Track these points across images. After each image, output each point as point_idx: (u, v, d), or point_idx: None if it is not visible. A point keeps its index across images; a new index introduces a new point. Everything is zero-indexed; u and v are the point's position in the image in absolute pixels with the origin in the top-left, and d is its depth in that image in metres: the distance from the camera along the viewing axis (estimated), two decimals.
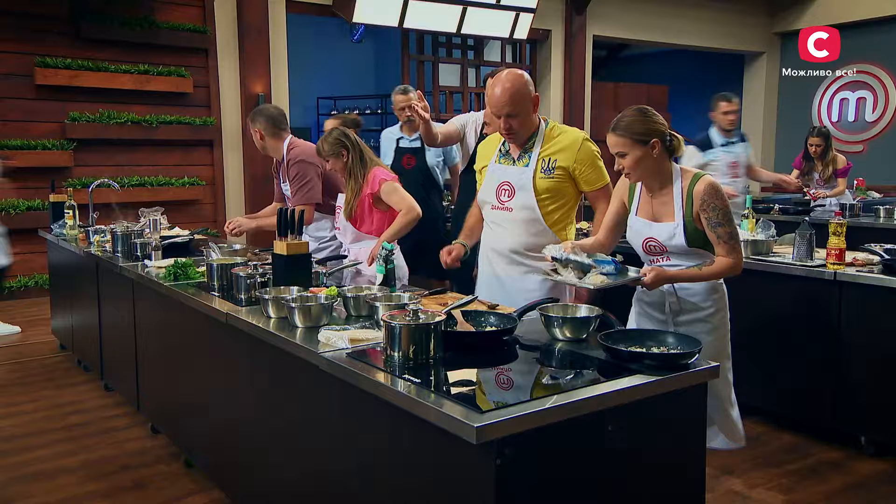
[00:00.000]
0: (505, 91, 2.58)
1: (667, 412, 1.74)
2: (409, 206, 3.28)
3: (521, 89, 2.60)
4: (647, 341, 1.91)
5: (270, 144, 3.85)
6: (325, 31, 10.88)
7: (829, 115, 11.15)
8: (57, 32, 6.68)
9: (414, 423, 1.59)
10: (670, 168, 2.43)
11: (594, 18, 9.98)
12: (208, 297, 2.68)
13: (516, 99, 2.59)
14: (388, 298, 2.29)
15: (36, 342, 5.17)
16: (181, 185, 7.22)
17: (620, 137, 2.35)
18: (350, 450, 1.92)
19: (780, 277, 3.40)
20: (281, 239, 2.58)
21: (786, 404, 3.52)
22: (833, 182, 6.12)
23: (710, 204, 2.34)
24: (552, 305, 2.16)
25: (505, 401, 1.57)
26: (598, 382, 1.68)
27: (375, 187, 3.30)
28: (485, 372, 1.85)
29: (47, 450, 3.33)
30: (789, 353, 3.46)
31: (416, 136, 4.76)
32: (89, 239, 4.13)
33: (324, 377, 1.92)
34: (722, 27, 10.93)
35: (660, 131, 2.35)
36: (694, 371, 1.76)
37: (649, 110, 2.39)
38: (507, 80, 2.59)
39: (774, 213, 5.97)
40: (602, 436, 1.61)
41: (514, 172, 2.72)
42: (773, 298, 3.49)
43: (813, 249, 3.41)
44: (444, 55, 9.24)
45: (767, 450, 3.32)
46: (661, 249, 2.47)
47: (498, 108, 2.60)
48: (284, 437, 2.26)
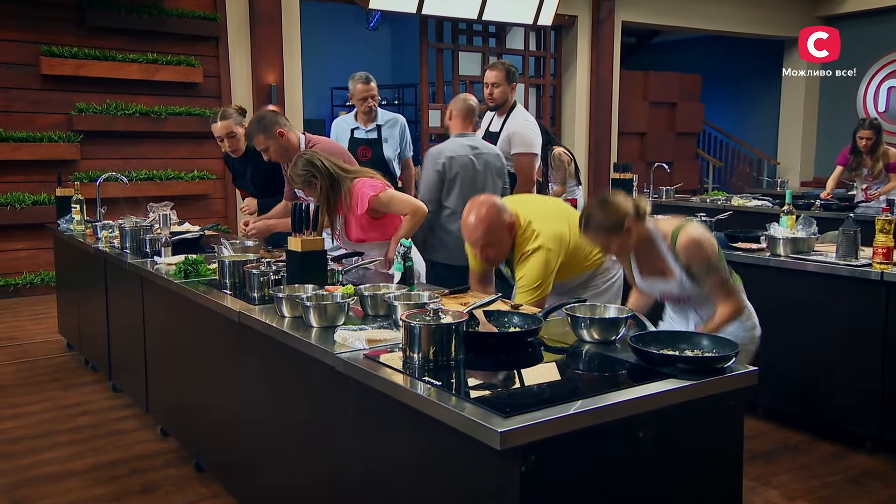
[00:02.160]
0: (479, 223, 2.75)
1: (701, 419, 1.73)
2: (414, 208, 3.17)
3: (494, 221, 2.76)
4: (679, 344, 1.90)
5: (290, 142, 3.64)
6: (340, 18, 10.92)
7: (876, 104, 10.98)
8: (62, 20, 6.76)
9: (434, 427, 1.59)
10: (649, 233, 2.53)
11: (623, 3, 9.91)
12: (220, 296, 2.71)
13: (491, 229, 2.76)
14: (406, 297, 2.30)
15: (42, 341, 5.25)
16: (191, 178, 7.29)
17: (595, 235, 2.50)
18: (367, 454, 1.93)
19: (823, 278, 3.37)
20: (296, 235, 2.60)
21: (827, 412, 3.48)
22: (884, 178, 6.02)
23: (693, 260, 2.47)
24: (579, 305, 2.16)
25: (530, 405, 1.57)
26: (628, 387, 1.68)
27: (365, 206, 3.11)
28: (508, 375, 1.85)
29: (54, 452, 3.39)
30: (831, 357, 3.42)
31: (372, 126, 4.78)
32: (97, 234, 4.19)
33: (340, 379, 1.94)
34: (760, 11, 10.80)
35: (626, 213, 2.45)
36: (731, 376, 1.75)
37: (607, 198, 2.50)
38: (479, 211, 2.76)
39: (816, 209, 5.90)
40: (632, 443, 1.61)
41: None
42: (814, 300, 3.46)
43: (858, 248, 3.36)
44: (465, 43, 9.24)
45: (807, 460, 3.29)
46: (681, 298, 2.62)
47: (473, 239, 2.80)
48: (298, 440, 2.28)
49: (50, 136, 6.65)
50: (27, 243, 6.58)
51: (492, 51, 9.40)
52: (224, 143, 4.16)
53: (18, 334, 5.45)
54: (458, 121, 4.00)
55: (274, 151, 3.64)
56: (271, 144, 3.61)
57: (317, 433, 2.17)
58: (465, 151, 3.85)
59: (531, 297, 2.76)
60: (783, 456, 3.33)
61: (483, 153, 3.92)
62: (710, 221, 4.27)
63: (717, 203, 6.56)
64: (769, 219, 3.88)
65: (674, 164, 10.70)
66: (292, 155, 3.65)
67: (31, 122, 6.68)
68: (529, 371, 1.92)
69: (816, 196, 6.54)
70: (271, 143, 3.60)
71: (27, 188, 6.62)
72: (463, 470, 1.59)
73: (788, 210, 3.77)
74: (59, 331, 5.23)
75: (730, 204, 6.42)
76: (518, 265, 2.86)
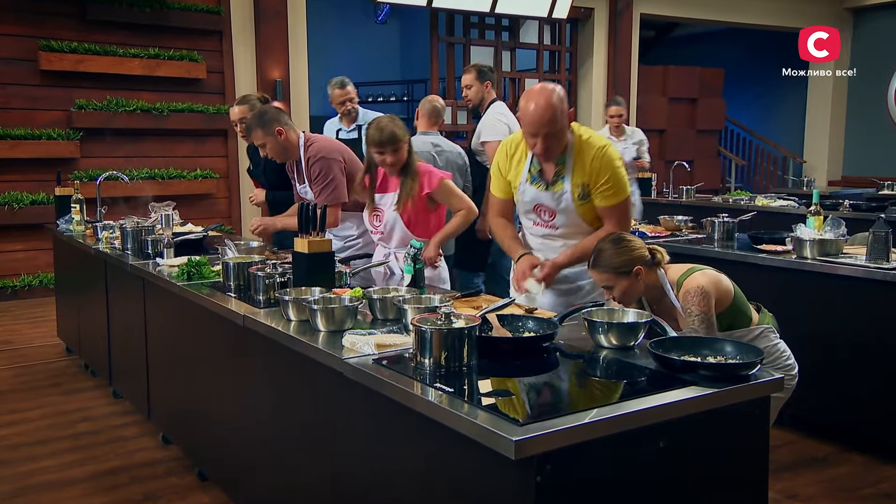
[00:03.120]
0: (544, 110, 2.62)
1: (725, 428, 1.72)
2: (470, 207, 3.26)
3: (559, 106, 2.65)
4: (701, 350, 1.90)
5: (289, 141, 3.66)
6: (348, 11, 10.96)
7: None
8: (61, 14, 6.82)
9: (446, 434, 1.60)
10: (658, 281, 2.52)
11: None
12: (224, 299, 2.73)
13: (556, 117, 2.63)
14: (417, 301, 2.30)
15: (41, 345, 5.29)
16: (193, 177, 7.34)
17: (603, 273, 2.48)
18: (374, 463, 1.93)
19: (852, 281, 3.34)
20: (302, 236, 2.61)
21: (856, 422, 3.46)
22: None
23: (687, 309, 2.44)
24: (597, 310, 2.15)
25: (545, 413, 1.57)
26: (648, 394, 1.68)
27: (434, 184, 3.21)
28: (523, 381, 1.85)
29: (53, 460, 3.42)
30: (861, 365, 3.39)
31: (353, 127, 5.18)
32: (97, 235, 4.22)
33: (348, 385, 1.94)
34: (784, 3, 10.74)
35: (640, 257, 2.46)
36: (756, 383, 1.74)
37: (624, 239, 2.50)
38: (544, 98, 2.63)
39: (844, 209, 5.86)
40: (653, 453, 1.61)
41: (549, 197, 2.81)
42: (842, 304, 3.43)
43: (889, 250, 3.34)
44: (477, 37, 9.25)
45: (836, 472, 3.27)
46: None
47: (536, 127, 2.65)
48: (305, 448, 2.29)
49: (49, 134, 6.71)
50: (25, 244, 6.63)
51: (505, 45, 9.41)
52: (237, 127, 4.33)
53: (16, 338, 5.49)
54: (423, 120, 4.48)
55: (271, 149, 3.66)
56: (269, 141, 3.63)
57: (323, 441, 2.18)
58: (427, 148, 4.20)
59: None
60: (810, 468, 3.30)
61: (444, 151, 4.29)
62: (733, 222, 4.25)
63: (741, 203, 6.53)
64: (795, 220, 3.86)
65: (694, 163, 10.65)
66: (291, 154, 3.71)
67: (30, 119, 6.74)
68: (545, 377, 1.91)
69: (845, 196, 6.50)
70: (269, 140, 3.63)
71: (25, 187, 6.68)
72: (475, 480, 1.59)
73: (815, 210, 3.75)
74: (58, 334, 5.27)
75: (753, 204, 6.39)
76: (603, 203, 2.75)
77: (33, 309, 6.34)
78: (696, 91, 11.03)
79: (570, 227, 2.83)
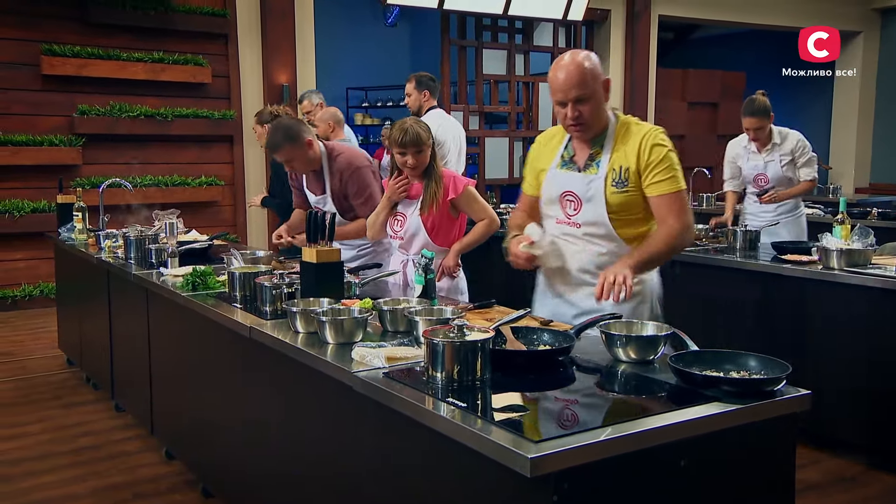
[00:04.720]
0: (574, 70, 2.45)
1: (749, 447, 1.72)
2: (492, 217, 3.26)
3: (592, 69, 2.48)
4: (724, 364, 1.89)
5: (315, 152, 3.62)
6: (356, 14, 11.02)
7: None
8: (63, 17, 6.88)
9: (458, 451, 1.60)
10: None
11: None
12: (230, 310, 2.74)
13: (587, 79, 2.46)
14: (428, 312, 2.31)
15: (42, 357, 5.33)
16: (198, 184, 7.38)
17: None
18: (385, 479, 1.94)
19: (881, 293, 3.32)
20: (310, 245, 2.63)
21: (887, 440, 3.43)
22: None
23: None
24: (614, 322, 2.15)
25: (562, 429, 1.57)
26: (668, 410, 1.67)
27: (459, 189, 3.20)
28: (538, 396, 1.85)
29: (54, 475, 3.44)
30: (891, 380, 3.37)
31: None
32: (100, 244, 4.25)
33: (358, 399, 1.95)
34: (809, 4, 10.72)
35: None
36: (782, 399, 1.74)
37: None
38: (574, 60, 2.47)
39: (872, 217, 5.84)
40: (674, 472, 1.60)
41: (579, 182, 2.59)
42: (871, 317, 3.41)
43: None
44: (489, 40, 9.28)
45: (866, 493, 3.24)
46: None
47: (565, 90, 2.47)
48: (312, 463, 2.29)
49: (50, 140, 6.76)
50: (26, 253, 6.69)
51: (518, 48, 9.43)
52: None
53: (16, 349, 5.53)
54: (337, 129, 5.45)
55: (300, 162, 3.62)
56: (298, 155, 3.57)
57: (332, 456, 2.18)
58: None
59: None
60: (839, 488, 3.28)
61: None
62: (756, 231, 4.23)
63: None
64: (821, 228, 3.84)
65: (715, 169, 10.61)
66: (315, 165, 3.67)
67: (31, 124, 6.80)
68: (561, 392, 1.91)
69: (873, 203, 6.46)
70: (297, 154, 3.57)
71: (26, 195, 6.73)
72: (490, 498, 1.59)
73: (842, 219, 3.73)
74: (59, 346, 5.31)
75: None
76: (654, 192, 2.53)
77: (34, 320, 6.39)
78: (716, 95, 11.00)
79: (593, 227, 2.61)
